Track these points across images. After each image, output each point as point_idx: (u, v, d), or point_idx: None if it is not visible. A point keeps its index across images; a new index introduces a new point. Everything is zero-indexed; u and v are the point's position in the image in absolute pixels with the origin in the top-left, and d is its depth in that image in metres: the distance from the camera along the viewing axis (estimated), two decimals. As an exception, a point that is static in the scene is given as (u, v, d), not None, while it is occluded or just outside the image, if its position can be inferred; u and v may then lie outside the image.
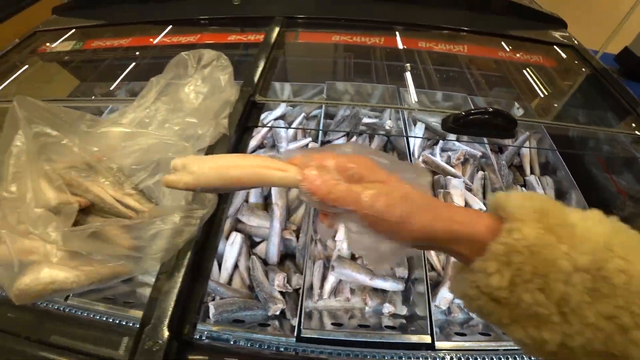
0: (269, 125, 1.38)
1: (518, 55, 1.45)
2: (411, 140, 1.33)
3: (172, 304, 0.56)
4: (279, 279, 0.99)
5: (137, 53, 1.39)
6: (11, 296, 0.51)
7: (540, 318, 0.30)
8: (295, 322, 0.86)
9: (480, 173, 1.28)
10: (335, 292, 1.08)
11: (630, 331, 0.28)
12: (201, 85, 0.78)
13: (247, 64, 1.07)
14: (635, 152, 1.11)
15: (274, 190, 1.18)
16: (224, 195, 0.73)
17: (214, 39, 1.32)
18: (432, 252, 1.13)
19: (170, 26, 1.43)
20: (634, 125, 1.14)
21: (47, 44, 1.51)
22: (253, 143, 1.33)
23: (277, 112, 1.43)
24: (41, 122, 0.62)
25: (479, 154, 1.30)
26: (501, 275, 0.31)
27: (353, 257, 1.15)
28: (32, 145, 0.58)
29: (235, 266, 1.08)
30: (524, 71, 1.44)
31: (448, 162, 1.30)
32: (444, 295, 1.02)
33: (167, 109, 0.73)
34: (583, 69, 1.39)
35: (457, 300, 1.03)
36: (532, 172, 1.41)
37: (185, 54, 0.82)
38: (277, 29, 1.18)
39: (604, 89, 1.29)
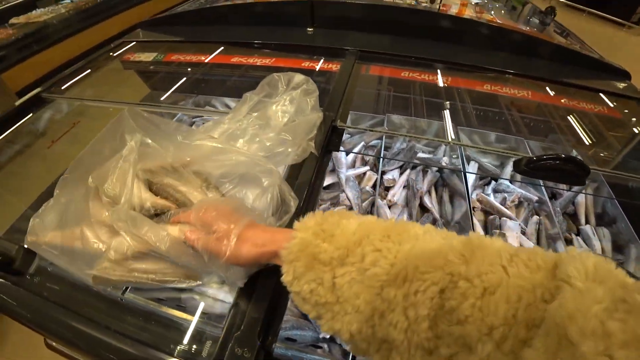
0: (355, 151, 1.42)
1: (582, 104, 1.46)
2: (471, 178, 1.35)
3: (263, 313, 0.57)
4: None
5: (216, 69, 1.50)
6: (88, 279, 0.57)
7: (327, 307, 0.35)
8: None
9: (535, 217, 1.28)
10: None
11: (386, 315, 0.31)
12: (288, 106, 0.85)
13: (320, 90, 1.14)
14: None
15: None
16: (309, 204, 0.78)
17: (289, 64, 1.41)
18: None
19: (248, 49, 1.55)
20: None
21: (133, 54, 1.66)
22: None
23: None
24: (143, 131, 0.69)
25: (535, 198, 1.31)
26: (287, 272, 0.39)
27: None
28: (134, 152, 0.66)
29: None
30: (580, 120, 1.45)
31: (503, 203, 1.31)
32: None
33: (258, 124, 0.80)
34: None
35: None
36: (587, 222, 1.39)
37: (277, 75, 0.90)
38: (352, 60, 1.26)
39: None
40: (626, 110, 1.45)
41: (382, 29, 1.57)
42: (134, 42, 1.71)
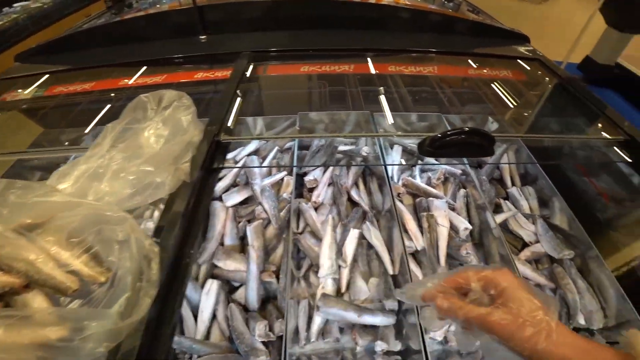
0: (238, 166, 1.33)
1: (486, 71, 1.48)
2: (394, 166, 1.31)
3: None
4: (260, 327, 0.92)
5: (102, 96, 1.35)
6: None
7: None
8: (281, 372, 0.80)
9: (462, 191, 1.26)
10: (323, 333, 1.02)
11: None
12: (162, 128, 0.74)
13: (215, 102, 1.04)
14: (610, 155, 1.11)
15: (249, 231, 1.12)
16: (189, 237, 0.68)
17: (181, 78, 1.30)
18: (420, 278, 1.09)
19: (138, 67, 1.41)
20: (605, 128, 1.15)
21: (9, 92, 1.46)
22: (226, 182, 1.29)
23: (250, 147, 1.40)
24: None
25: (459, 171, 1.29)
26: None
27: (338, 292, 1.10)
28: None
29: (214, 316, 1.01)
30: (494, 86, 1.46)
31: (428, 183, 1.28)
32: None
33: (123, 156, 0.69)
34: (550, 80, 1.42)
35: (453, 328, 0.99)
36: (513, 184, 1.40)
37: (145, 96, 0.79)
38: (243, 64, 1.17)
39: (572, 97, 1.31)
40: (529, 69, 1.48)
41: (288, 24, 1.50)
42: (10, 79, 1.52)
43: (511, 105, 1.41)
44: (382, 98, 1.43)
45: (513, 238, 1.24)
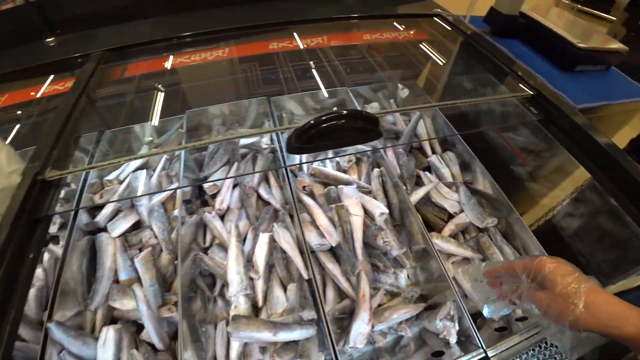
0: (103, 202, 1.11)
1: (390, 34, 1.35)
2: (295, 157, 1.16)
3: None
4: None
5: None
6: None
7: None
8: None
9: (376, 170, 1.14)
10: (244, 356, 0.90)
11: None
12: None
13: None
14: (520, 112, 1.03)
15: (137, 263, 0.96)
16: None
17: (16, 98, 1.05)
18: (340, 277, 0.97)
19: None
20: (513, 85, 1.07)
21: None
22: (109, 209, 1.09)
23: (135, 162, 1.20)
24: None
25: (369, 149, 1.17)
26: None
27: (255, 307, 0.97)
28: None
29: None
30: (400, 49, 1.34)
31: (339, 168, 1.15)
32: (360, 331, 0.86)
33: None
34: (454, 37, 1.32)
35: (379, 327, 0.88)
36: (433, 152, 1.30)
37: None
38: (90, 69, 0.95)
39: (478, 53, 1.21)
40: (433, 27, 1.37)
41: (157, 9, 1.28)
42: None
43: (419, 66, 1.30)
44: (282, 78, 1.27)
45: (438, 210, 1.15)
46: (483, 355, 0.76)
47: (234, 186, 1.21)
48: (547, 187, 1.08)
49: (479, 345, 0.77)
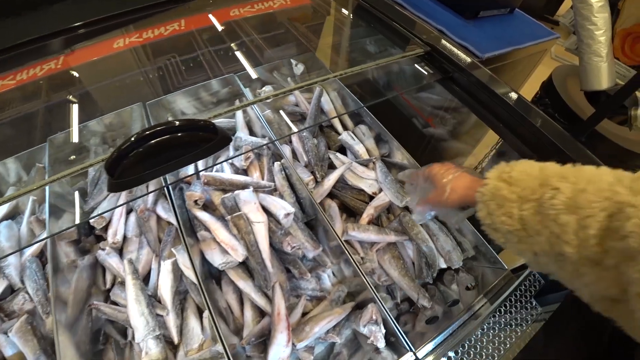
0: None
1: (260, 6, 1.17)
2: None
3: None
4: None
5: None
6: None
7: (515, 233, 0.45)
8: None
9: (276, 165, 1.01)
10: None
11: (561, 236, 0.40)
12: None
13: None
14: (419, 72, 0.92)
15: (13, 337, 0.79)
16: None
17: None
18: (253, 295, 0.85)
19: None
20: (407, 43, 0.95)
21: None
22: None
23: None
24: None
25: (264, 141, 1.02)
26: (482, 210, 0.49)
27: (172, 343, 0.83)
28: None
29: None
30: (282, 21, 1.18)
31: (236, 170, 1.01)
32: (279, 356, 0.75)
33: None
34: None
35: (301, 345, 0.78)
36: (345, 128, 1.19)
37: None
38: None
39: (368, 13, 1.08)
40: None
41: None
42: None
43: (315, 39, 1.16)
44: (152, 78, 1.08)
45: (357, 192, 1.04)
46: (413, 358, 0.68)
47: (130, 211, 1.04)
48: (464, 150, 1.00)
49: (407, 347, 0.68)
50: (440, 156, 1.06)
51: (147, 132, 0.47)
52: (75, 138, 1.05)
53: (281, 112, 1.12)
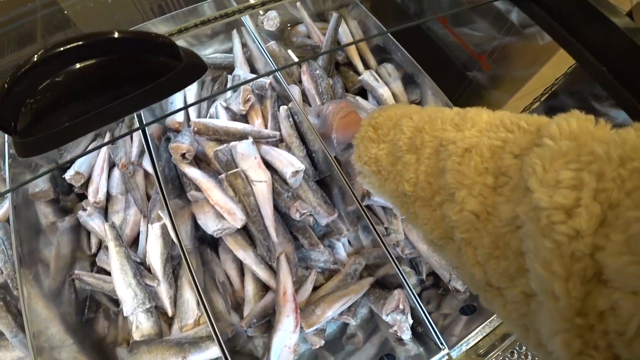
0: None
1: None
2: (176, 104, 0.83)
3: None
4: None
5: None
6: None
7: (375, 176, 0.45)
8: None
9: (283, 109, 0.82)
10: None
11: (404, 174, 0.40)
12: None
13: None
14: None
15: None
16: None
17: None
18: (254, 266, 0.71)
19: None
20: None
21: None
22: None
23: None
24: None
25: (268, 80, 0.82)
26: (354, 153, 0.48)
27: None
28: None
29: None
30: None
31: (234, 116, 0.83)
32: (285, 343, 0.63)
33: None
34: None
35: (310, 330, 0.65)
36: (366, 67, 0.97)
37: None
38: None
39: None
40: None
41: None
42: None
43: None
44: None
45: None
46: (446, 358, 0.54)
47: (113, 165, 0.90)
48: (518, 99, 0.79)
49: (440, 345, 0.54)
50: (487, 102, 0.85)
51: (61, 49, 0.29)
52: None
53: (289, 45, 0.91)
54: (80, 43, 0.29)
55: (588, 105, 0.77)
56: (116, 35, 0.30)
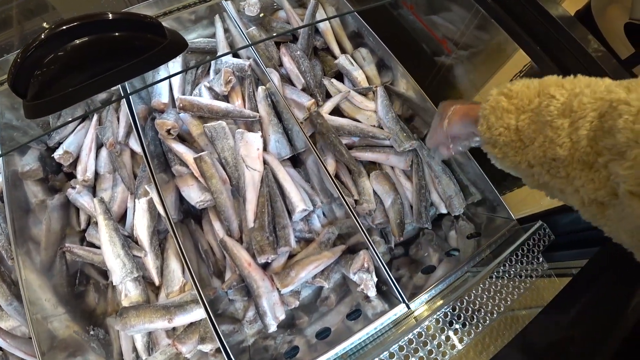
0: None
1: None
2: (162, 86, 0.87)
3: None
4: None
5: None
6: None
7: (511, 145, 0.45)
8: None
9: (261, 89, 0.87)
10: (151, 344, 0.79)
11: (555, 140, 0.40)
12: None
13: None
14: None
15: None
16: None
17: None
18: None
19: None
20: None
21: None
22: None
23: None
24: None
25: (247, 62, 0.87)
26: (482, 124, 0.47)
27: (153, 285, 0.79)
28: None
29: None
30: None
31: (216, 96, 0.88)
32: (273, 301, 0.69)
33: None
34: None
35: (286, 290, 0.71)
36: (343, 52, 1.03)
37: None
38: None
39: None
40: None
41: None
42: None
43: None
44: None
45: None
46: (405, 310, 0.60)
47: (101, 145, 0.95)
48: (481, 79, 0.85)
49: (400, 298, 0.61)
50: (452, 86, 0.92)
51: (64, 27, 0.34)
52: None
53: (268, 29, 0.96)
54: (81, 22, 0.35)
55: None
56: (110, 16, 0.36)
